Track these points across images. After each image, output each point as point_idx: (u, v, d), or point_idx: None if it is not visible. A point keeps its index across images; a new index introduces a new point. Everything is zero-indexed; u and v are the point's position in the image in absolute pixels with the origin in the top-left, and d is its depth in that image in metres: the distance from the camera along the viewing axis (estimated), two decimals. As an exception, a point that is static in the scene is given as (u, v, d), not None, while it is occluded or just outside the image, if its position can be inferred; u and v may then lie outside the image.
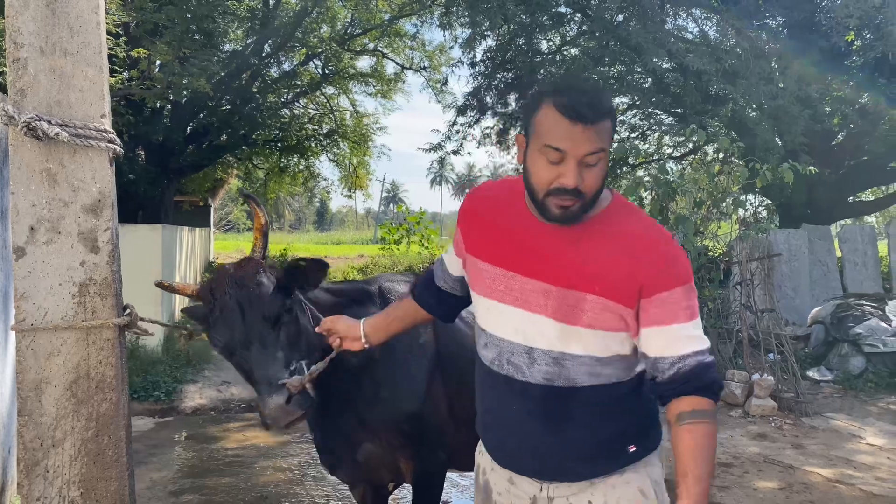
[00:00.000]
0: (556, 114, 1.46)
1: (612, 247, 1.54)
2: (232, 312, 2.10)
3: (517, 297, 1.60)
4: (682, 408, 1.53)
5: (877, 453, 5.21)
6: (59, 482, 2.04)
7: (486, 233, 1.69)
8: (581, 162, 1.47)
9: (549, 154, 1.47)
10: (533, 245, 1.59)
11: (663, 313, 1.52)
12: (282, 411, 1.98)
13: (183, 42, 10.36)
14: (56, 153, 2.04)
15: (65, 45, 2.05)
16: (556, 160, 1.47)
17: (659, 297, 1.51)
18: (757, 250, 7.14)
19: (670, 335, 1.52)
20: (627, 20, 11.10)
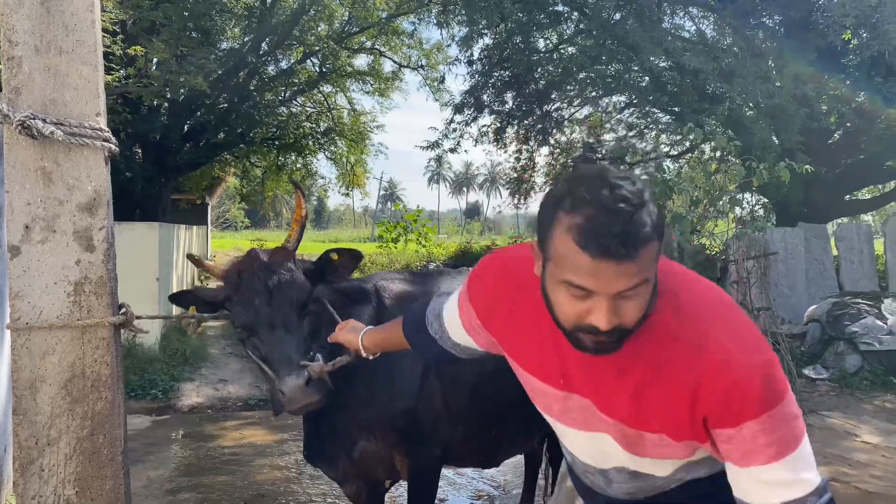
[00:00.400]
0: (575, 247, 1.11)
1: (663, 378, 1.24)
2: (259, 295, 2.15)
3: (575, 418, 1.39)
4: None
5: (872, 451, 5.22)
6: (55, 481, 2.05)
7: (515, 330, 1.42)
8: (618, 298, 1.15)
9: (572, 290, 1.16)
10: (579, 362, 1.31)
11: (736, 452, 1.21)
12: (300, 392, 2.01)
13: (180, 40, 10.35)
14: (51, 152, 2.03)
15: (60, 44, 2.05)
16: (582, 297, 1.16)
17: (725, 434, 1.21)
18: (753, 249, 7.14)
19: (750, 478, 1.21)
20: (624, 19, 11.11)
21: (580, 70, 12.42)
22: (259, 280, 2.17)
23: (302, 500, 4.29)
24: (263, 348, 2.14)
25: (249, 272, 2.21)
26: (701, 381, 1.21)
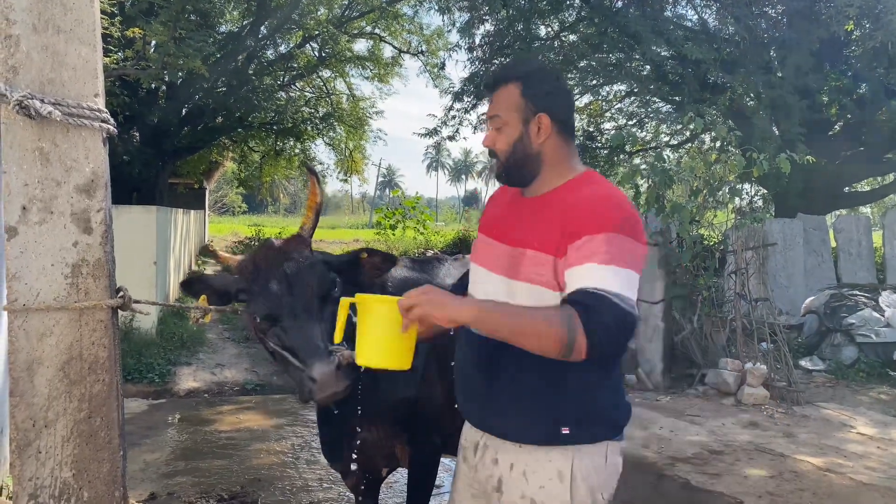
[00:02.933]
0: None
1: (560, 208, 1.64)
2: (280, 282, 2.10)
3: (486, 258, 1.79)
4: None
5: (867, 443, 5.24)
6: (52, 463, 2.04)
7: (490, 213, 1.91)
8: (491, 126, 1.74)
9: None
10: (508, 216, 1.79)
11: (580, 256, 1.53)
12: (332, 378, 1.95)
13: (178, 22, 10.27)
14: (49, 132, 2.01)
15: (58, 23, 2.02)
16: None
17: (579, 243, 1.54)
18: (752, 239, 7.14)
19: (580, 272, 1.52)
20: (627, 7, 11.05)
21: (581, 58, 12.37)
22: (279, 268, 2.12)
23: (298, 484, 4.29)
24: (287, 337, 2.06)
25: (267, 261, 2.15)
26: (577, 199, 1.63)
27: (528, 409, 1.67)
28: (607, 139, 14.99)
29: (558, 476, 1.65)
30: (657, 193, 6.86)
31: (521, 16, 11.74)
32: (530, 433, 1.68)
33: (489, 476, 1.76)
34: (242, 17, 15.13)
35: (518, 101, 1.69)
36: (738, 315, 6.79)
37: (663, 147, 14.69)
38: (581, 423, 1.66)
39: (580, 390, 1.66)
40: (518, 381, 1.67)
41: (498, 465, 1.73)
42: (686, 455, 4.89)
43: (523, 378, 1.66)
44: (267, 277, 2.12)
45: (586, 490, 1.66)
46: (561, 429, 1.65)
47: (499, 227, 1.79)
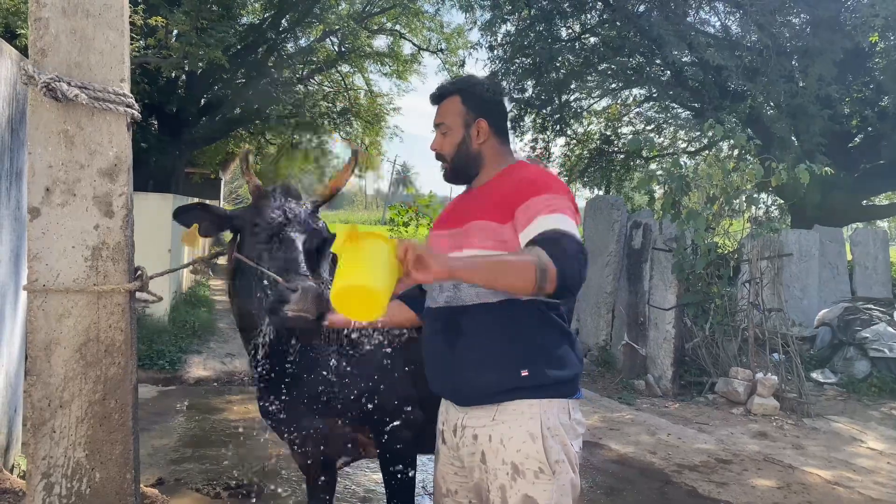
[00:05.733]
0: None
1: (498, 187, 1.95)
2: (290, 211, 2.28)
3: (437, 245, 1.99)
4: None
5: (877, 458, 5.20)
6: (65, 443, 2.06)
7: (440, 215, 2.16)
8: (438, 132, 2.04)
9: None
10: (455, 208, 2.08)
11: (528, 215, 1.80)
12: (315, 296, 2.03)
13: (201, 12, 10.31)
14: (74, 115, 2.03)
15: (87, 7, 2.04)
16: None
17: (524, 205, 1.82)
18: (767, 249, 7.08)
19: (533, 227, 1.78)
20: (649, 11, 10.98)
21: (602, 61, 12.32)
22: (293, 203, 2.33)
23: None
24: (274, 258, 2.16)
25: (288, 193, 2.37)
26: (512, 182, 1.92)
27: (491, 363, 1.86)
28: (624, 144, 14.93)
29: (531, 437, 1.83)
30: (673, 199, 6.83)
31: (542, 16, 11.70)
32: (494, 386, 1.85)
33: (472, 452, 1.91)
34: (264, 9, 15.16)
35: (459, 109, 2.01)
36: (751, 324, 6.74)
37: (680, 153, 14.63)
38: (536, 363, 1.85)
39: (533, 336, 1.87)
40: (479, 340, 1.87)
41: (478, 441, 1.89)
42: (693, 463, 4.86)
43: (483, 336, 1.87)
44: (283, 204, 2.30)
45: (558, 446, 1.85)
46: (521, 371, 1.83)
47: (448, 220, 2.05)
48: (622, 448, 5.09)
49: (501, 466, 1.86)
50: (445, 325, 1.94)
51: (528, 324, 1.87)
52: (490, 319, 1.87)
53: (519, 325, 1.87)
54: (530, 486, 1.83)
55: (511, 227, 1.83)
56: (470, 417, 1.92)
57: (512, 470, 1.84)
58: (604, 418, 5.86)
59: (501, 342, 1.87)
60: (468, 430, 1.92)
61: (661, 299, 6.92)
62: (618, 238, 7.85)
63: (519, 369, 1.84)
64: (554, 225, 1.76)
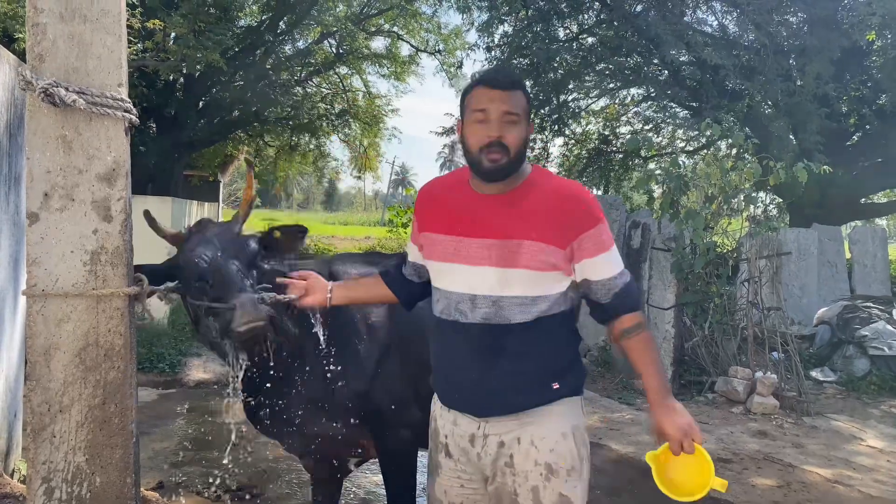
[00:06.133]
0: (480, 87, 1.89)
1: (541, 202, 1.87)
2: (212, 245, 2.27)
3: (464, 256, 1.90)
4: (624, 325, 1.93)
5: (877, 456, 5.20)
6: (65, 447, 2.06)
7: (438, 212, 2.00)
8: (502, 120, 1.84)
9: (476, 117, 1.85)
10: (476, 213, 1.92)
11: (593, 247, 1.86)
12: (253, 304, 2.08)
13: (198, 15, 10.33)
14: (72, 120, 2.03)
15: (84, 12, 2.05)
16: (482, 119, 1.84)
17: (586, 235, 1.85)
18: (766, 248, 7.08)
19: (599, 263, 1.88)
20: (646, 10, 11.00)
21: (599, 61, 12.34)
22: (212, 233, 2.32)
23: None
24: (213, 290, 2.20)
25: (202, 230, 2.35)
26: (566, 196, 1.89)
27: (528, 381, 1.89)
28: (622, 143, 14.94)
29: (562, 436, 1.89)
30: (671, 199, 6.83)
31: (540, 17, 11.72)
32: (530, 400, 1.89)
33: (494, 459, 1.90)
34: (262, 11, 15.18)
35: (525, 106, 1.90)
36: (750, 323, 6.75)
37: (679, 153, 14.64)
38: (565, 376, 1.93)
39: (564, 351, 1.96)
40: (520, 359, 1.88)
41: (505, 446, 1.89)
42: (693, 462, 4.86)
43: (524, 356, 1.88)
44: (199, 242, 2.29)
45: (581, 441, 1.93)
46: (552, 385, 1.90)
47: (467, 224, 1.92)
48: (622, 448, 5.10)
49: (534, 468, 1.87)
50: (482, 342, 1.89)
51: (559, 339, 1.93)
52: (530, 338, 1.88)
53: (554, 341, 1.92)
54: (564, 484, 1.87)
55: (565, 255, 1.86)
56: (492, 426, 1.90)
57: (546, 470, 1.86)
58: (604, 418, 5.87)
59: (539, 360, 1.90)
60: (492, 438, 1.90)
61: (660, 299, 6.92)
62: (616, 238, 7.85)
63: (551, 383, 1.90)
64: (617, 266, 1.91)
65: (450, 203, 1.99)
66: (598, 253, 1.88)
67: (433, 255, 1.99)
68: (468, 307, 1.89)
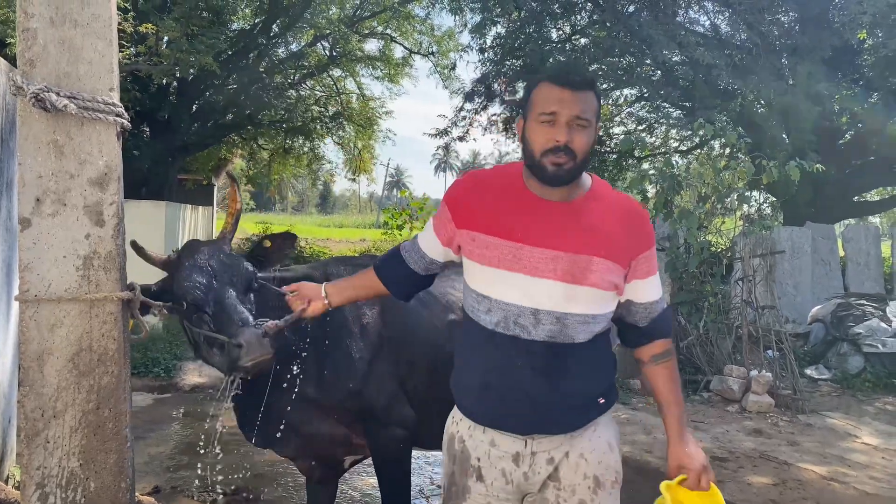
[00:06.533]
0: (548, 85, 1.75)
1: (607, 217, 1.80)
2: (206, 271, 2.26)
3: (525, 265, 1.76)
4: (656, 350, 1.91)
5: (871, 453, 5.22)
6: (59, 453, 2.06)
7: (487, 210, 1.83)
8: (571, 124, 1.71)
9: (543, 119, 1.73)
10: (539, 220, 1.78)
11: (646, 268, 1.85)
12: (258, 342, 2.07)
13: (191, 19, 10.32)
14: (63, 125, 2.03)
15: (75, 17, 2.04)
16: (549, 121, 1.72)
17: (644, 256, 1.83)
18: (760, 247, 7.11)
19: (647, 285, 1.87)
20: (638, 11, 11.03)
21: (592, 62, 12.35)
22: (205, 259, 2.29)
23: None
24: (213, 320, 2.20)
25: (192, 254, 2.32)
26: (630, 214, 1.84)
27: (585, 399, 1.86)
28: (616, 144, 14.97)
29: (609, 447, 1.88)
30: (665, 199, 6.85)
31: (532, 18, 11.74)
32: (583, 418, 1.86)
33: (539, 476, 1.83)
34: (255, 14, 15.17)
35: (596, 109, 1.77)
36: (745, 322, 6.77)
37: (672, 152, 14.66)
38: (609, 391, 1.91)
39: (609, 368, 1.93)
40: (580, 379, 1.83)
41: (553, 461, 1.83)
42: (689, 461, 4.87)
43: (583, 375, 1.83)
44: (193, 269, 2.27)
45: (619, 450, 1.93)
46: (598, 400, 1.87)
47: (528, 231, 1.77)
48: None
49: (582, 481, 1.83)
50: (545, 361, 1.78)
51: (608, 356, 1.92)
52: (588, 357, 1.84)
53: (604, 359, 1.90)
54: (608, 496, 1.86)
55: (624, 273, 1.81)
56: (540, 443, 1.82)
57: (593, 483, 1.83)
58: (600, 418, 5.87)
59: (593, 379, 1.87)
60: (540, 455, 1.82)
61: (654, 298, 6.94)
62: (611, 238, 7.85)
63: (597, 399, 1.88)
64: (659, 290, 1.91)
65: (504, 202, 1.83)
66: (649, 275, 1.86)
67: (485, 259, 1.82)
68: (530, 322, 1.77)
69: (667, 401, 1.89)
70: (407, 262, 2.06)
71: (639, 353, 1.93)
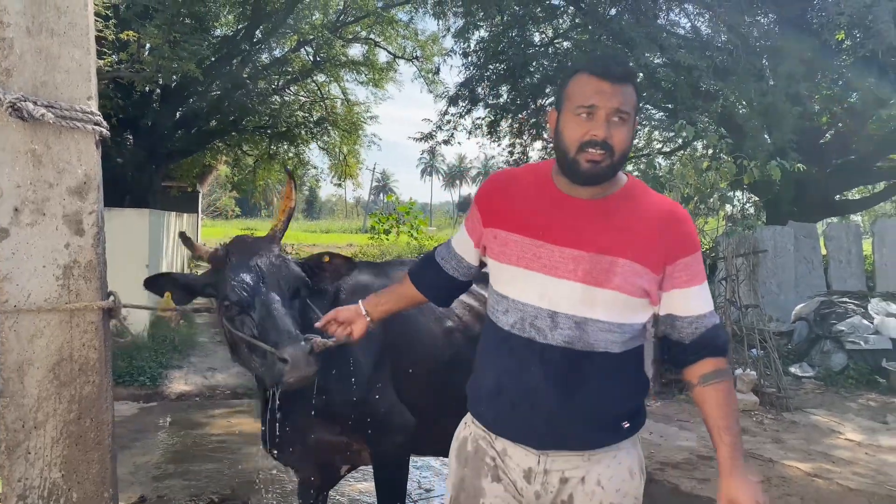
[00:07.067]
0: (587, 76, 1.64)
1: (639, 217, 1.67)
2: (255, 271, 2.19)
3: (545, 263, 1.67)
4: (705, 369, 1.71)
5: (855, 449, 5.28)
6: (41, 464, 2.04)
7: (513, 208, 1.76)
8: (609, 118, 1.60)
9: (580, 112, 1.62)
10: (563, 217, 1.69)
11: (687, 276, 1.68)
12: (304, 359, 2.00)
13: (173, 25, 10.27)
14: (41, 134, 2.02)
15: (51, 26, 2.04)
16: (587, 116, 1.61)
17: (683, 262, 1.67)
18: (743, 246, 7.18)
19: (690, 296, 1.70)
20: (620, 14, 11.10)
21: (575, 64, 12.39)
22: (253, 260, 2.22)
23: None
24: (258, 326, 2.13)
25: (242, 253, 2.25)
26: (667, 217, 1.69)
27: (605, 417, 1.71)
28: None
29: (630, 475, 1.74)
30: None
31: (515, 22, 11.78)
32: (603, 439, 1.72)
33: (551, 496, 1.72)
34: (237, 20, 15.13)
35: (635, 103, 1.68)
36: (729, 321, 6.82)
37: (655, 154, 14.77)
38: (636, 416, 1.77)
39: (638, 390, 1.79)
40: (599, 393, 1.69)
41: (567, 484, 1.71)
42: (675, 460, 4.91)
43: (603, 389, 1.69)
44: (242, 268, 2.20)
45: (643, 476, 1.79)
46: (623, 424, 1.73)
47: (550, 228, 1.69)
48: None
49: None
50: (560, 368, 1.67)
51: (635, 375, 1.77)
52: (612, 370, 1.70)
53: (632, 377, 1.76)
54: None
55: (657, 280, 1.67)
56: (555, 460, 1.70)
57: None
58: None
59: (617, 396, 1.72)
60: (554, 474, 1.71)
61: (639, 299, 6.97)
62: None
63: (622, 422, 1.73)
64: (708, 303, 1.73)
65: (529, 200, 1.74)
66: (691, 284, 1.69)
67: (504, 256, 1.74)
68: (547, 325, 1.67)
69: (717, 427, 1.67)
70: (444, 269, 1.99)
71: (687, 373, 1.75)
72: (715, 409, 1.68)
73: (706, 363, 1.71)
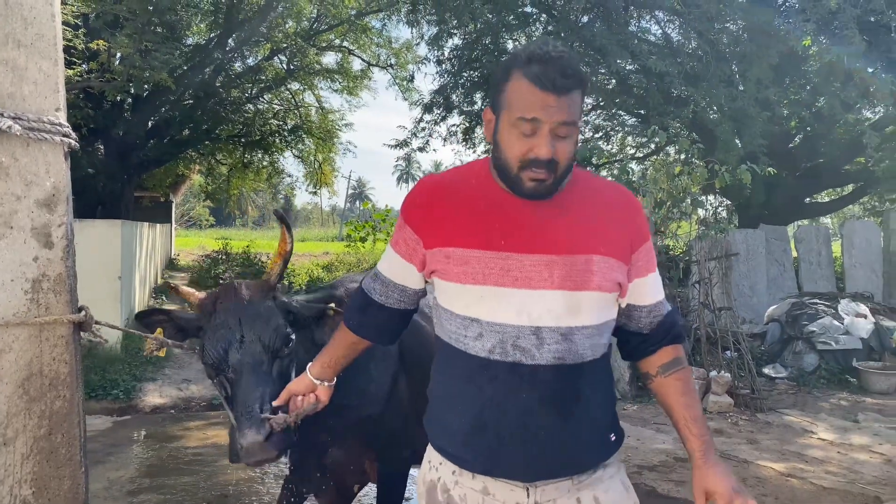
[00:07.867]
0: (528, 84, 1.44)
1: (597, 208, 1.57)
2: (231, 334, 2.04)
3: (516, 276, 1.49)
4: (665, 359, 1.65)
5: (828, 448, 5.36)
6: (11, 481, 2.01)
7: (456, 220, 1.56)
8: (554, 133, 1.44)
9: (521, 126, 1.44)
10: (520, 222, 1.52)
11: (645, 264, 1.62)
12: (258, 448, 1.86)
13: (144, 34, 10.18)
14: (8, 146, 1.99)
15: (18, 37, 2.01)
16: (529, 132, 1.44)
17: (643, 249, 1.60)
18: (716, 250, 7.28)
19: (648, 283, 1.64)
20: (592, 21, 11.22)
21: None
22: (234, 316, 2.07)
23: (266, 500, 4.26)
24: (228, 391, 2.03)
25: (225, 306, 2.11)
26: (623, 204, 1.61)
27: (596, 433, 1.60)
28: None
29: (624, 487, 1.64)
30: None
31: (489, 29, 11.85)
32: (596, 457, 1.60)
33: None
34: (210, 29, 15.05)
35: (581, 105, 1.52)
36: (703, 324, 6.90)
37: (629, 160, 14.91)
38: (616, 424, 1.67)
39: (612, 393, 1.72)
40: (589, 407, 1.56)
41: None
42: (652, 463, 4.95)
43: (592, 402, 1.57)
44: (221, 327, 2.07)
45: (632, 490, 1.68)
46: (610, 436, 1.63)
47: (513, 236, 1.51)
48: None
49: None
50: (554, 388, 1.51)
51: (610, 377, 1.69)
52: (597, 379, 1.58)
53: (609, 381, 1.67)
54: None
55: (626, 271, 1.57)
56: (545, 491, 1.54)
57: None
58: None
59: (602, 406, 1.61)
60: None
61: (615, 303, 7.03)
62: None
63: (609, 434, 1.62)
64: (662, 293, 1.68)
65: (476, 207, 1.55)
66: (649, 272, 1.62)
67: (467, 276, 1.52)
68: (532, 343, 1.49)
69: (684, 418, 1.58)
70: (387, 305, 1.74)
71: (645, 365, 1.66)
72: (679, 399, 1.60)
73: (666, 352, 1.64)
